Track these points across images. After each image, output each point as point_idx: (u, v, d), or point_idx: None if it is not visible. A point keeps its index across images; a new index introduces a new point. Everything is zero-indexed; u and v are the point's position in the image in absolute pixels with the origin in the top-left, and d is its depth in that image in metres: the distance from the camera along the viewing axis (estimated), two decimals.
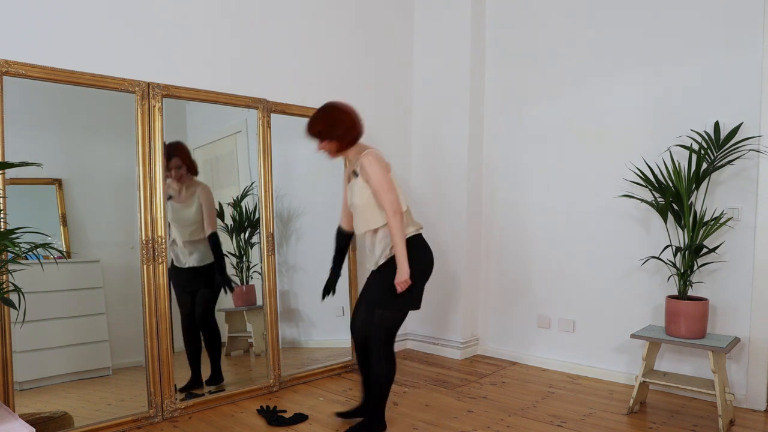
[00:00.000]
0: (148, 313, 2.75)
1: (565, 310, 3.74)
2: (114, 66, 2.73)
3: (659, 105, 3.31)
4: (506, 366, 3.85)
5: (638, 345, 3.35)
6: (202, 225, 3.06)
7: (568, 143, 3.69)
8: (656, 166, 3.20)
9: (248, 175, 3.35)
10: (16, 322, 2.31)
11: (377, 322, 2.57)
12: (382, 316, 2.57)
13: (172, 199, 2.95)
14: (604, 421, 2.85)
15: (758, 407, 3.00)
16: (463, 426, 2.78)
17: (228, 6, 3.23)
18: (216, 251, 3.12)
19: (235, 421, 2.82)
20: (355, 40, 3.93)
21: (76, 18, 2.65)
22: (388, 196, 2.50)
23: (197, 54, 3.09)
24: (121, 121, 2.76)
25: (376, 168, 2.53)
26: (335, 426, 2.76)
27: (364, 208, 2.58)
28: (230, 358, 3.36)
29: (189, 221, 3.03)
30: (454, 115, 4.05)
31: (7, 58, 2.38)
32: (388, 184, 2.53)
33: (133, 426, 2.70)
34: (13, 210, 2.38)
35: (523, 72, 3.92)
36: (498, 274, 4.08)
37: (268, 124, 3.29)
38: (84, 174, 2.78)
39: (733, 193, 3.07)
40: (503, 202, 4.03)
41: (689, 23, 3.20)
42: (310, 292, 3.67)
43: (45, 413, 2.47)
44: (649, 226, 3.35)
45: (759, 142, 2.96)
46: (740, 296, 3.05)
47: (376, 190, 2.52)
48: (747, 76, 3.01)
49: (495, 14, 4.06)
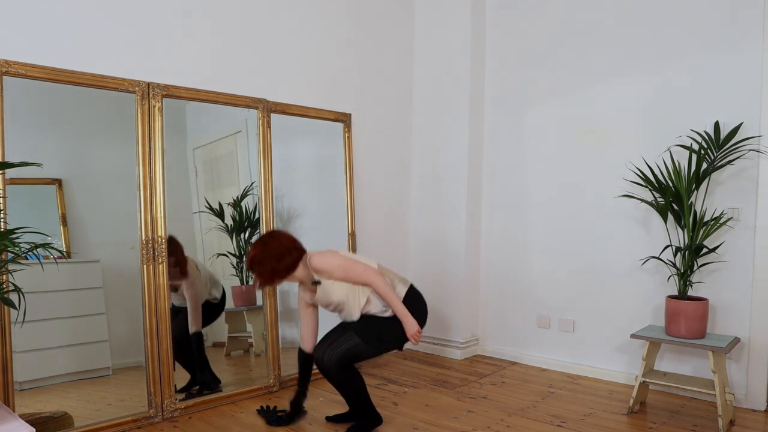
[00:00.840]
0: (148, 313, 2.75)
1: (565, 310, 3.74)
2: (114, 66, 2.73)
3: (659, 105, 3.31)
4: (506, 366, 3.85)
5: (638, 345, 3.35)
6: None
7: (568, 143, 3.69)
8: (656, 166, 3.20)
9: (248, 175, 3.35)
10: (16, 322, 2.31)
11: (348, 347, 2.52)
12: (358, 345, 2.54)
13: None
14: (604, 421, 2.85)
15: (758, 407, 3.00)
16: (463, 426, 2.78)
17: (228, 6, 3.22)
18: (198, 350, 3.05)
19: (234, 421, 2.82)
20: (356, 40, 3.93)
21: (75, 18, 2.65)
22: (356, 268, 2.55)
23: (197, 54, 3.09)
24: (121, 121, 2.76)
25: (328, 260, 2.55)
26: (335, 426, 2.76)
27: (348, 296, 2.58)
28: (230, 358, 3.36)
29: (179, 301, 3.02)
30: (454, 116, 4.05)
31: (7, 58, 2.38)
32: (346, 261, 2.57)
33: (133, 426, 2.70)
34: (13, 210, 2.38)
35: (524, 72, 3.91)
36: (498, 274, 4.08)
37: (268, 124, 3.29)
38: (84, 174, 2.78)
39: (733, 193, 3.07)
40: (503, 202, 4.03)
41: (689, 23, 3.20)
42: None
43: (45, 413, 2.47)
44: (649, 226, 3.36)
45: (759, 142, 2.96)
46: (740, 296, 3.05)
47: (344, 275, 2.54)
48: (747, 76, 3.01)
49: (495, 15, 4.06)
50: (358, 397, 2.64)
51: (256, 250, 2.53)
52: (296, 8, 3.56)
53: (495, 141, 4.07)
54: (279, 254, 2.52)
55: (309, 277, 2.60)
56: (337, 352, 2.51)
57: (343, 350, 2.51)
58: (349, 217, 3.78)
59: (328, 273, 2.55)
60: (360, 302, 2.58)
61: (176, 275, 2.94)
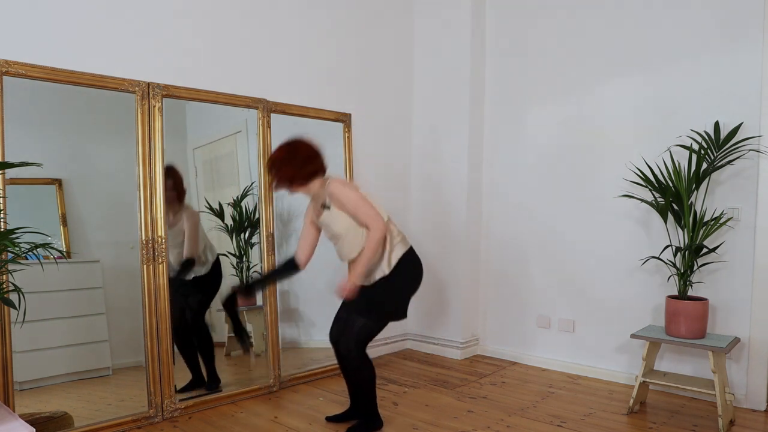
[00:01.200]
0: (148, 313, 2.75)
1: (565, 310, 3.74)
2: (114, 66, 2.73)
3: (659, 105, 3.31)
4: (506, 366, 3.85)
5: (638, 345, 3.35)
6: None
7: (568, 143, 3.69)
8: (656, 166, 3.20)
9: (248, 175, 3.35)
10: (16, 322, 2.31)
11: (357, 330, 2.58)
12: (364, 325, 2.58)
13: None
14: (604, 421, 2.85)
15: (758, 407, 3.00)
16: (463, 426, 2.78)
17: (228, 6, 3.22)
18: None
19: (235, 421, 2.82)
20: (356, 40, 3.93)
21: (76, 18, 2.65)
22: (366, 209, 2.51)
23: (197, 54, 3.09)
24: (121, 121, 2.76)
25: (345, 191, 2.52)
26: (335, 427, 2.76)
27: (348, 233, 2.55)
28: (230, 358, 3.36)
29: (176, 243, 3.00)
30: (453, 115, 4.05)
31: (7, 58, 2.38)
32: (362, 200, 2.53)
33: (133, 426, 2.70)
34: (13, 210, 2.38)
35: (524, 73, 3.91)
36: (498, 274, 4.08)
37: (268, 124, 3.29)
38: (84, 174, 2.78)
39: (733, 193, 3.07)
40: (503, 201, 4.03)
41: (689, 23, 3.20)
42: (310, 292, 3.68)
43: (45, 413, 2.47)
44: (649, 226, 3.35)
45: (759, 142, 2.96)
46: (740, 296, 3.05)
47: (354, 210, 2.50)
48: (747, 76, 3.01)
49: (495, 14, 4.06)
50: (367, 388, 2.65)
51: (282, 152, 2.53)
52: (296, 8, 3.56)
53: (495, 141, 4.07)
54: (303, 160, 2.52)
55: (322, 197, 2.58)
56: (351, 337, 2.57)
57: (355, 334, 2.56)
58: None
59: (340, 203, 2.51)
60: (356, 245, 2.55)
61: (173, 200, 2.90)
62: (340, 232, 2.56)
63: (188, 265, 3.06)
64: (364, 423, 2.69)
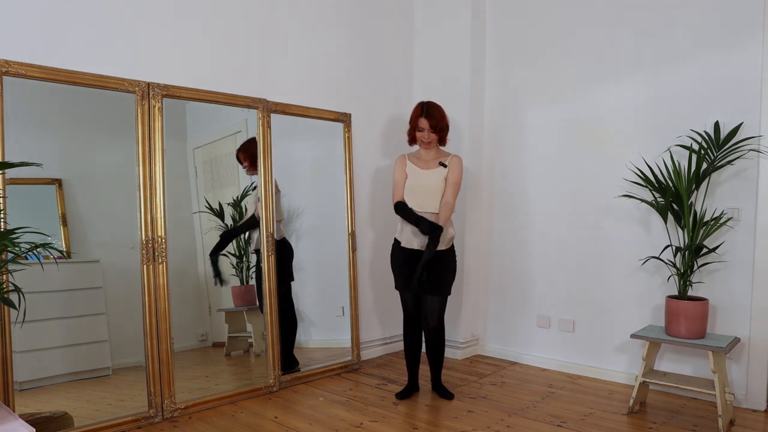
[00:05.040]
0: (148, 313, 2.75)
1: (565, 310, 3.74)
2: (114, 66, 2.73)
3: (659, 105, 3.31)
4: (506, 366, 3.85)
5: (638, 345, 3.35)
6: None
7: (568, 143, 3.69)
8: (656, 166, 3.20)
9: (248, 175, 3.35)
10: (16, 322, 2.31)
11: (436, 307, 3.11)
12: (442, 303, 3.14)
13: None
14: (604, 421, 2.85)
15: (758, 407, 3.00)
16: (463, 426, 2.78)
17: (228, 6, 3.23)
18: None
19: (235, 421, 2.83)
20: (356, 40, 3.93)
21: (76, 18, 2.65)
22: (457, 189, 3.17)
23: (197, 54, 3.09)
24: (121, 121, 2.76)
25: (461, 171, 3.18)
26: (335, 426, 2.76)
27: (437, 191, 3.11)
28: (230, 358, 3.36)
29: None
30: (454, 116, 4.03)
31: (7, 58, 2.38)
32: (461, 182, 3.21)
33: (133, 426, 2.70)
34: (13, 210, 2.38)
35: (524, 72, 3.91)
36: (498, 274, 4.08)
37: (268, 124, 3.29)
38: (84, 174, 2.79)
39: (733, 193, 3.07)
40: (503, 202, 4.03)
41: (689, 23, 3.19)
42: (311, 292, 3.68)
43: (45, 413, 2.47)
44: (649, 226, 3.36)
45: (759, 142, 2.96)
46: (740, 296, 3.05)
47: (454, 181, 3.12)
48: (747, 76, 3.01)
49: (495, 15, 4.06)
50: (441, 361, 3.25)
51: (437, 105, 3.16)
52: (296, 8, 3.56)
53: (495, 140, 4.07)
54: (447, 117, 3.20)
55: (441, 156, 3.19)
56: (436, 316, 3.12)
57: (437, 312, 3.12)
58: (349, 217, 3.78)
59: (452, 170, 3.13)
60: (436, 201, 3.10)
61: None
62: (434, 185, 3.11)
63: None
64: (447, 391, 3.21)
